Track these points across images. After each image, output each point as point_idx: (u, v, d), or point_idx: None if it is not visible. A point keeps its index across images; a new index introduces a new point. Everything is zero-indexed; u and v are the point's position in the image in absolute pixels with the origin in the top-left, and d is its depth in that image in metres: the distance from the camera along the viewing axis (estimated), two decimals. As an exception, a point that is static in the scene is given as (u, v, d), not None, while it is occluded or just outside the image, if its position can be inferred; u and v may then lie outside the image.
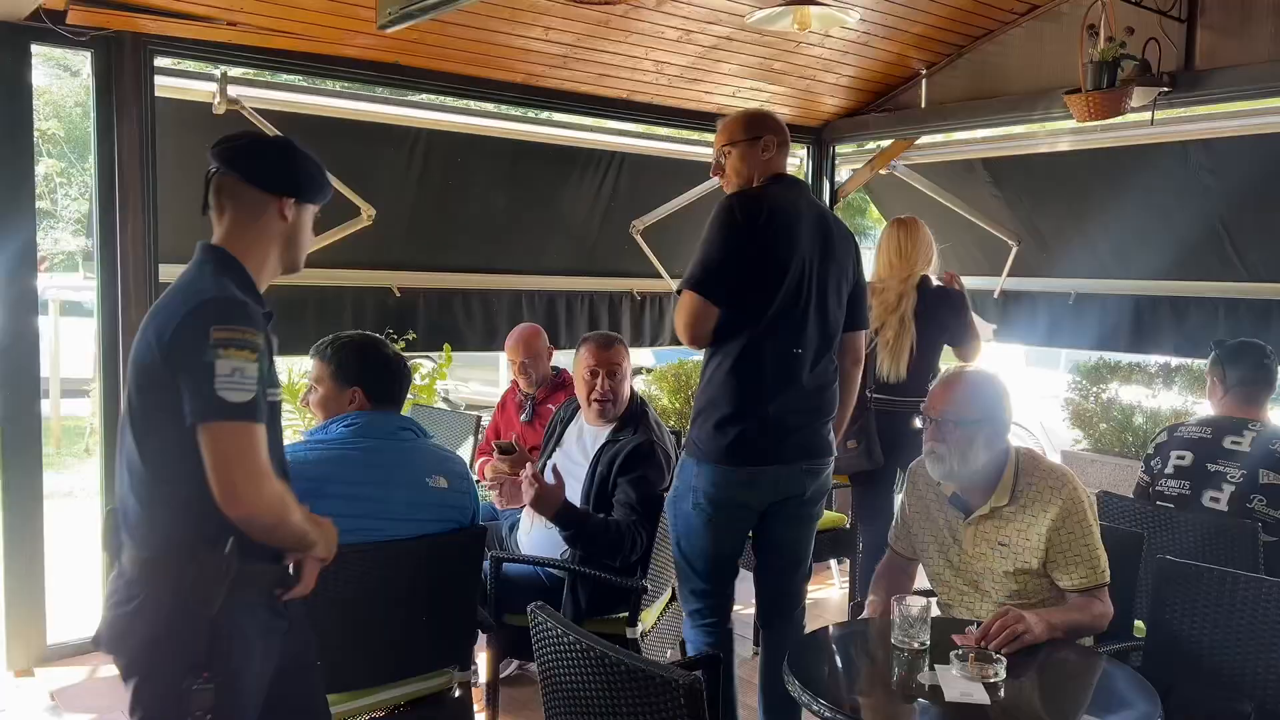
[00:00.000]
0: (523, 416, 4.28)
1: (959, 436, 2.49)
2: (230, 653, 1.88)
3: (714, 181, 6.43)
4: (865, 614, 2.71)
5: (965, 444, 2.49)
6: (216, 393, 1.77)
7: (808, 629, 3.08)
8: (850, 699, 2.13)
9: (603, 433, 3.36)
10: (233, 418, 1.79)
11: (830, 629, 2.65)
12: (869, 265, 3.95)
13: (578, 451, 3.43)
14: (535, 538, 3.38)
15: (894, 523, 2.84)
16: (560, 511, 3.10)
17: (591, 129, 5.93)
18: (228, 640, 1.87)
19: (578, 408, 3.54)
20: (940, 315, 4.24)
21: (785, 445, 2.83)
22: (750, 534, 3.01)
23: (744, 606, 4.82)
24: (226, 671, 1.87)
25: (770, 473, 2.84)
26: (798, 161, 6.58)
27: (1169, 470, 3.30)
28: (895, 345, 4.19)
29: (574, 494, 3.32)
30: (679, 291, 2.82)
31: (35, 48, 3.86)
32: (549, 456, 3.53)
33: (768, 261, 2.75)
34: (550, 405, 4.12)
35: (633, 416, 3.34)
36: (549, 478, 3.16)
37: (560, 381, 4.31)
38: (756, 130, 2.91)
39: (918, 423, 3.50)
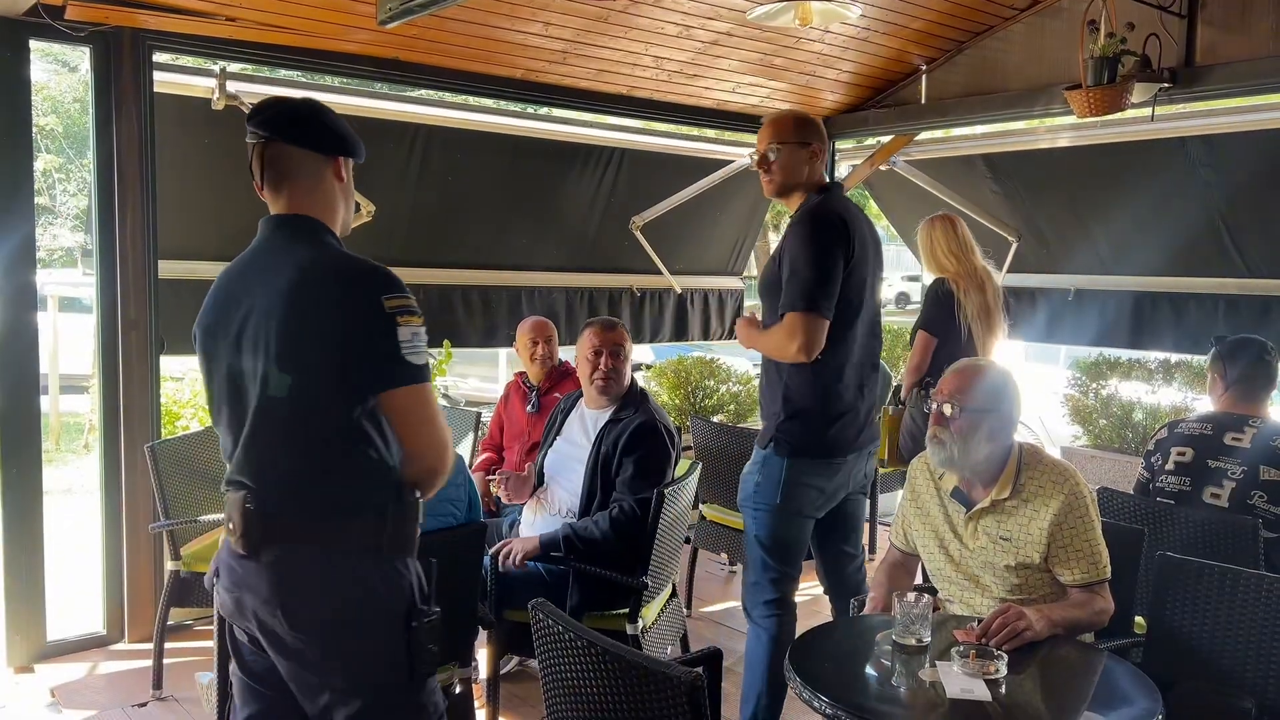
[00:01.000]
0: (528, 408, 4.28)
1: (962, 424, 2.49)
2: (431, 588, 1.98)
3: (714, 177, 6.50)
4: (865, 610, 2.71)
5: (968, 432, 2.49)
6: (405, 359, 1.85)
7: (808, 627, 3.09)
8: (851, 695, 2.13)
9: (604, 414, 3.40)
10: (420, 380, 1.88)
11: (833, 625, 2.65)
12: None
13: (580, 435, 3.45)
14: (536, 534, 3.38)
15: (894, 519, 2.84)
16: (545, 545, 3.22)
17: (591, 125, 5.92)
18: (427, 577, 1.98)
19: (578, 398, 3.56)
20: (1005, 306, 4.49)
21: (859, 435, 3.06)
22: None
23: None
24: (434, 603, 1.97)
25: (849, 461, 3.05)
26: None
27: (1169, 466, 3.30)
28: (998, 333, 4.36)
29: (576, 476, 3.34)
30: (783, 313, 2.87)
31: (34, 43, 3.85)
32: (550, 446, 3.55)
33: (855, 272, 2.93)
34: (556, 395, 4.13)
35: (633, 399, 3.40)
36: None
37: (564, 371, 4.34)
38: (806, 135, 3.01)
39: None
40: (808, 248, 2.86)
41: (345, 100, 4.92)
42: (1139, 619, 2.84)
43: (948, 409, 2.52)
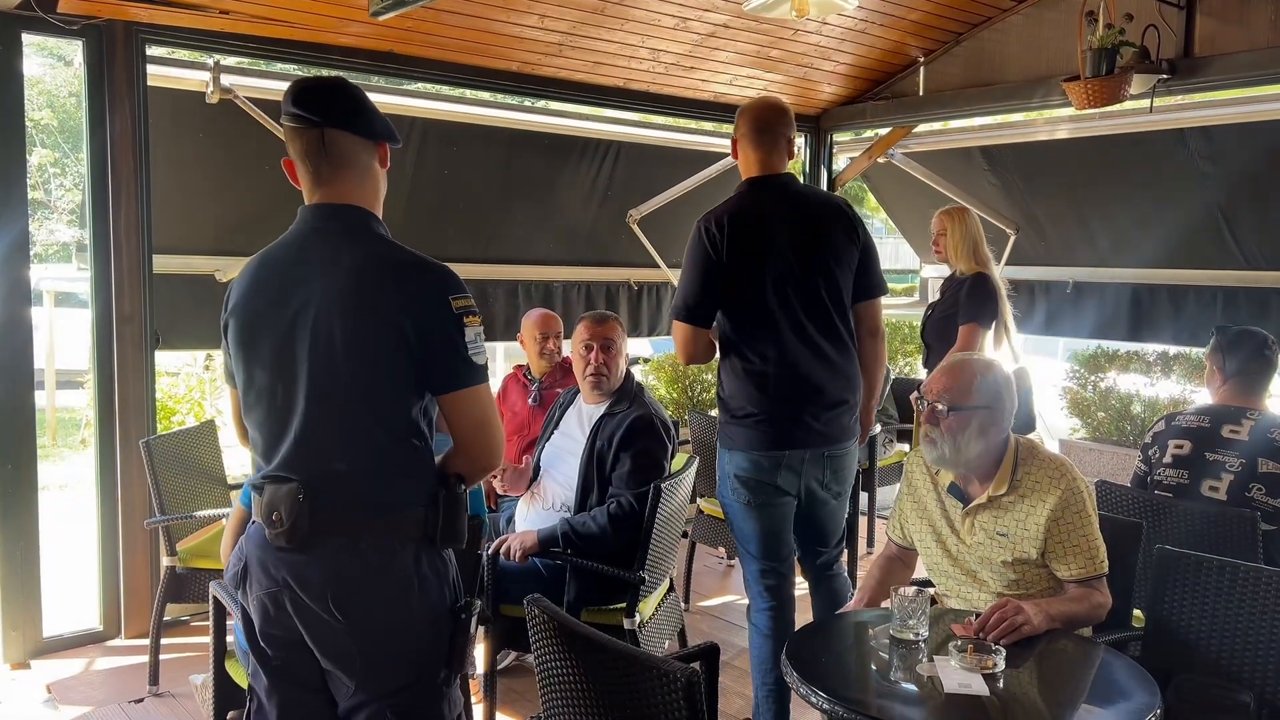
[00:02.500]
0: (530, 400, 4.27)
1: (952, 422, 2.48)
2: (469, 579, 2.01)
3: (710, 170, 6.48)
4: (851, 604, 2.70)
5: (958, 430, 2.48)
6: (471, 359, 1.88)
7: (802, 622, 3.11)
8: (848, 690, 2.12)
9: (599, 408, 3.39)
10: (482, 381, 1.91)
11: (829, 619, 2.64)
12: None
13: (576, 429, 3.45)
14: (531, 528, 3.37)
15: (891, 514, 2.83)
16: (544, 540, 3.21)
17: (587, 118, 5.90)
18: (461, 568, 2.00)
19: (577, 393, 3.56)
20: None
21: (800, 431, 2.96)
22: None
23: (740, 597, 4.83)
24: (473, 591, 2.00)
25: (792, 456, 2.96)
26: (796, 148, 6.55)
27: (1167, 459, 3.29)
28: (1011, 322, 4.41)
29: (571, 470, 3.34)
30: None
31: (27, 36, 3.83)
32: (547, 440, 3.54)
33: (739, 273, 2.91)
34: (558, 390, 4.13)
35: (628, 392, 3.40)
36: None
37: (566, 366, 4.33)
38: (733, 135, 3.07)
39: None
40: (685, 258, 2.98)
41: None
42: (1137, 612, 2.84)
43: (938, 407, 2.50)
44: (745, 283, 2.91)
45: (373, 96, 2.00)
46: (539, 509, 3.39)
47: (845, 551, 3.29)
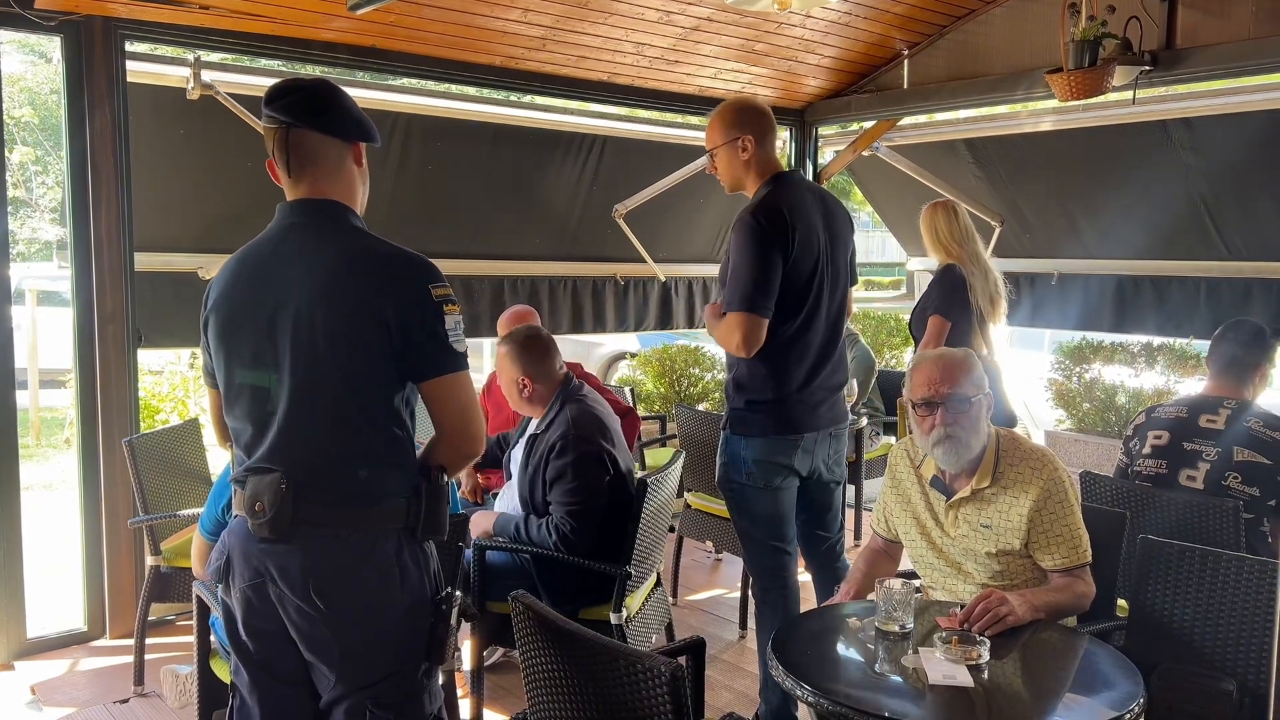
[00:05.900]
0: None
1: (963, 415, 2.48)
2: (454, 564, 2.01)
3: (696, 164, 6.49)
4: (837, 598, 2.70)
5: (974, 421, 2.49)
6: (452, 346, 1.91)
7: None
8: (834, 683, 2.12)
9: (539, 421, 3.31)
10: (463, 368, 1.94)
11: (814, 613, 2.65)
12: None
13: (526, 441, 3.40)
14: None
15: (876, 506, 2.84)
16: (498, 531, 3.24)
17: (572, 112, 5.88)
18: (442, 561, 2.03)
19: None
20: None
21: (815, 414, 3.07)
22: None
23: (729, 590, 4.84)
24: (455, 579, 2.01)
25: (806, 440, 3.06)
26: (780, 144, 6.55)
27: (1146, 450, 3.30)
28: (999, 318, 4.43)
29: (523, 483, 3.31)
30: (724, 313, 2.96)
31: (4, 33, 3.79)
32: (514, 447, 3.53)
33: (798, 267, 2.97)
34: None
35: (558, 399, 3.28)
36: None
37: None
38: (733, 131, 3.04)
39: None
40: (744, 250, 2.91)
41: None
42: (1121, 602, 2.85)
43: (952, 398, 2.48)
44: (796, 280, 2.96)
45: (356, 92, 2.03)
46: (508, 507, 3.38)
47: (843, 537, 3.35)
